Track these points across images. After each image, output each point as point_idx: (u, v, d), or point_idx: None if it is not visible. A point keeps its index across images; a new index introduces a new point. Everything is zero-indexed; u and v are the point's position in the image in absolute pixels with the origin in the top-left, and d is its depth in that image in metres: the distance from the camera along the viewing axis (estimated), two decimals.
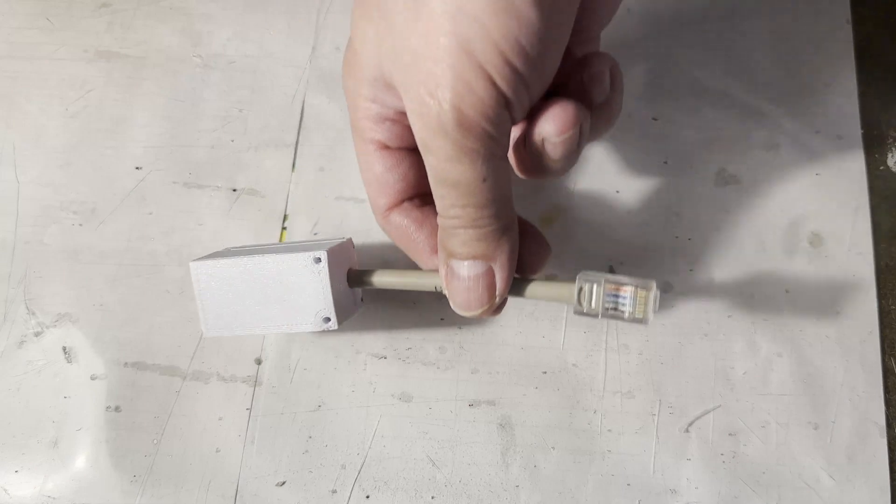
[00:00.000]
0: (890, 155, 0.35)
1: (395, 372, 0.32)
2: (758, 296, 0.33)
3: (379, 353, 0.33)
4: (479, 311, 0.25)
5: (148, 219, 0.34)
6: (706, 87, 0.36)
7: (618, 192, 0.34)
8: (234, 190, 0.35)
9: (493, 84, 0.20)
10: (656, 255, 0.33)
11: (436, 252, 0.27)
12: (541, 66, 0.21)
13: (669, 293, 0.33)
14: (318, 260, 0.27)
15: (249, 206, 0.35)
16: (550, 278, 0.33)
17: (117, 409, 0.32)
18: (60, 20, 0.37)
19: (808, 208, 0.34)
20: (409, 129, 0.26)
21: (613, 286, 0.25)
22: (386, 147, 0.27)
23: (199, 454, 0.32)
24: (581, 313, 0.26)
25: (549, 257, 0.28)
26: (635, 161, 0.35)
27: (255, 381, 0.32)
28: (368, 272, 0.29)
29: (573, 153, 0.25)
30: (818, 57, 0.36)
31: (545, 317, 0.33)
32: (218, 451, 0.32)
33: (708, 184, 0.34)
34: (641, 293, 0.25)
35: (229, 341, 0.33)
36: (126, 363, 0.33)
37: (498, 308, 0.26)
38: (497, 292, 0.25)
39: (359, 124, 0.27)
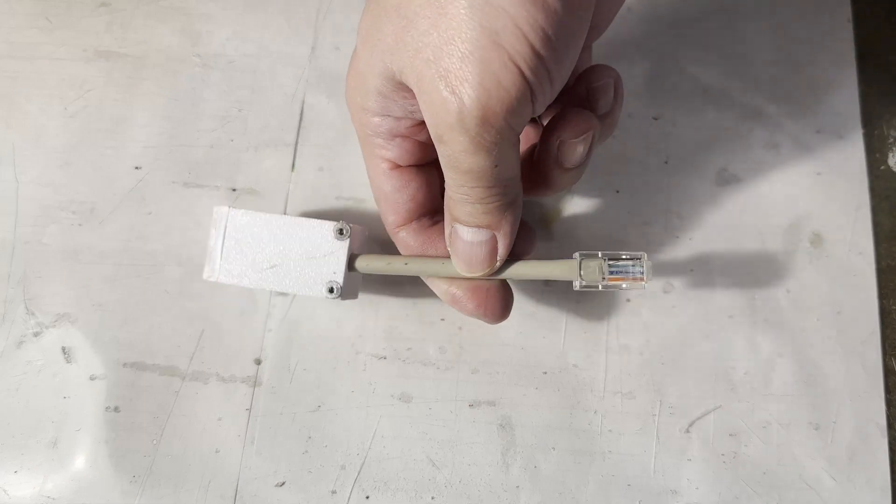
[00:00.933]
0: (891, 154, 0.35)
1: (395, 372, 0.32)
2: (759, 296, 0.33)
3: (379, 353, 0.32)
4: (481, 272, 0.26)
5: (147, 219, 0.34)
6: (707, 87, 0.36)
7: (618, 191, 0.34)
8: (234, 190, 0.35)
9: (522, 75, 0.20)
10: (657, 255, 0.33)
11: None
12: (563, 59, 0.21)
13: (670, 293, 0.33)
14: (342, 231, 0.28)
15: (249, 206, 0.35)
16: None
17: (116, 409, 0.32)
18: (60, 20, 0.37)
19: (809, 208, 0.34)
20: (420, 145, 0.27)
21: (611, 258, 0.27)
22: (396, 166, 0.27)
23: (199, 454, 0.31)
24: (583, 286, 0.27)
25: (535, 242, 0.29)
26: (636, 161, 0.35)
27: (255, 382, 0.32)
28: (376, 257, 0.29)
29: (585, 159, 0.26)
30: (819, 56, 0.36)
31: (545, 317, 0.33)
32: (217, 451, 0.31)
33: (708, 183, 0.34)
34: (637, 260, 0.27)
35: (229, 341, 0.33)
36: (125, 363, 0.32)
37: (498, 269, 0.27)
38: (498, 257, 0.26)
39: (368, 141, 0.27)
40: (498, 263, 0.26)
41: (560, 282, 0.33)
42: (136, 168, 0.35)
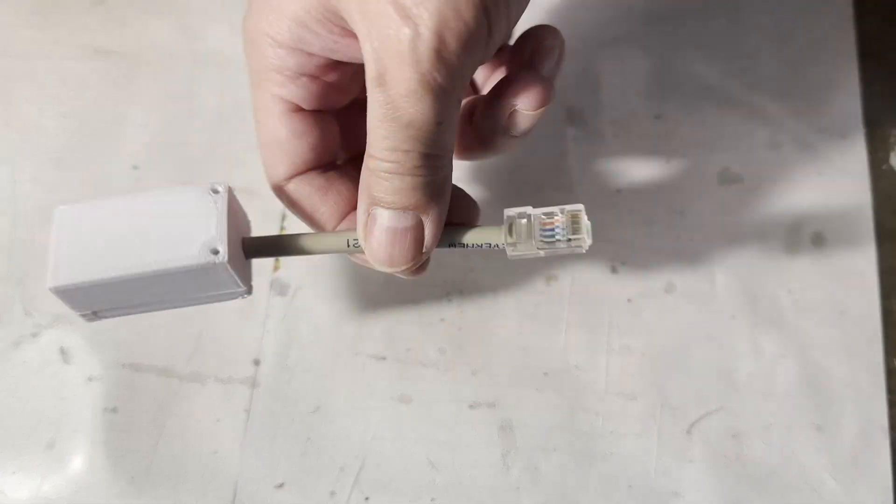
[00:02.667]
0: (893, 154, 0.34)
1: (395, 373, 0.32)
2: (761, 296, 0.32)
3: (378, 354, 0.32)
4: (403, 267, 0.22)
5: None
6: (709, 86, 0.35)
7: (619, 191, 0.34)
8: (232, 189, 0.34)
9: (483, 6, 0.18)
10: (659, 255, 0.33)
11: (341, 220, 0.25)
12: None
13: (672, 293, 0.33)
14: (216, 191, 0.23)
15: (247, 206, 0.34)
16: (551, 278, 0.33)
17: (114, 410, 0.32)
18: (55, 17, 0.37)
19: (811, 208, 0.33)
20: (328, 88, 0.24)
21: (545, 219, 0.23)
22: (297, 109, 0.24)
23: (197, 456, 0.31)
24: (516, 255, 0.23)
25: (478, 216, 0.26)
26: (637, 160, 0.34)
27: (254, 383, 0.32)
28: (272, 238, 0.25)
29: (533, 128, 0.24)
30: (821, 55, 0.36)
31: (546, 317, 0.33)
32: (216, 452, 0.31)
33: (710, 183, 0.34)
34: (573, 215, 0.23)
35: (228, 342, 0.32)
36: (123, 364, 0.32)
37: (421, 267, 0.23)
38: (424, 247, 0.22)
39: (265, 76, 0.23)
40: (423, 257, 0.22)
41: (560, 281, 0.33)
42: (134, 167, 0.35)
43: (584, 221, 0.22)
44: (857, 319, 0.32)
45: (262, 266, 0.33)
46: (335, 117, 0.25)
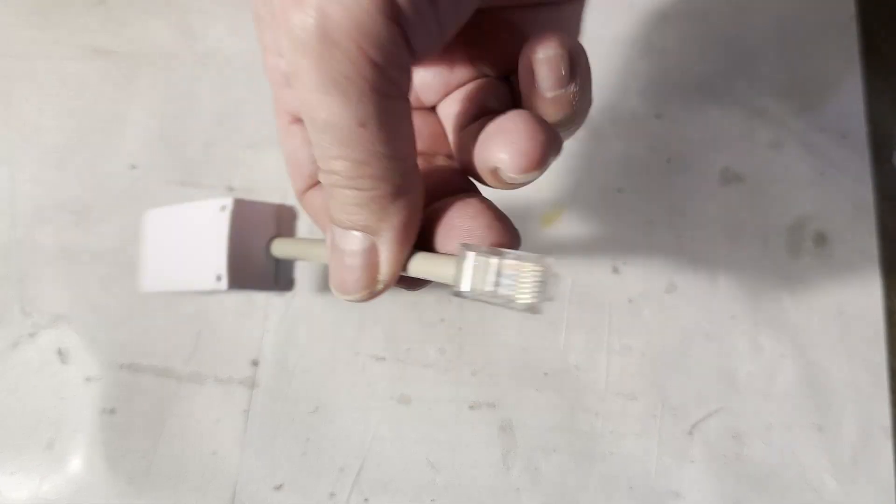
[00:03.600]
0: (895, 153, 0.34)
1: (395, 373, 0.32)
2: (762, 296, 0.32)
3: (378, 354, 0.32)
4: (356, 295, 0.20)
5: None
6: (710, 85, 0.35)
7: (620, 190, 0.34)
8: (231, 189, 0.34)
9: None
10: (660, 255, 0.33)
11: None
12: None
13: (673, 293, 0.33)
14: (224, 208, 0.24)
15: None
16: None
17: (113, 411, 0.32)
18: (55, 17, 0.37)
19: (813, 207, 0.33)
20: None
21: (509, 262, 0.18)
22: (299, 119, 0.22)
23: (196, 457, 0.31)
24: (460, 295, 0.18)
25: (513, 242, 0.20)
26: (638, 159, 0.34)
27: (253, 383, 0.32)
28: (288, 241, 0.25)
29: (574, 97, 0.18)
30: (823, 55, 0.35)
31: (546, 317, 0.32)
32: (215, 453, 0.31)
33: (712, 182, 0.34)
34: (531, 270, 0.17)
35: (227, 342, 0.32)
36: (122, 365, 0.32)
37: (383, 290, 0.20)
38: (380, 277, 0.19)
39: (280, 95, 0.22)
40: (380, 287, 0.19)
41: (560, 281, 0.33)
42: (133, 167, 0.35)
43: (544, 276, 0.17)
44: (859, 319, 0.32)
45: None
46: None
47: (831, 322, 0.32)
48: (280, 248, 0.25)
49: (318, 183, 0.23)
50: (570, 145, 0.35)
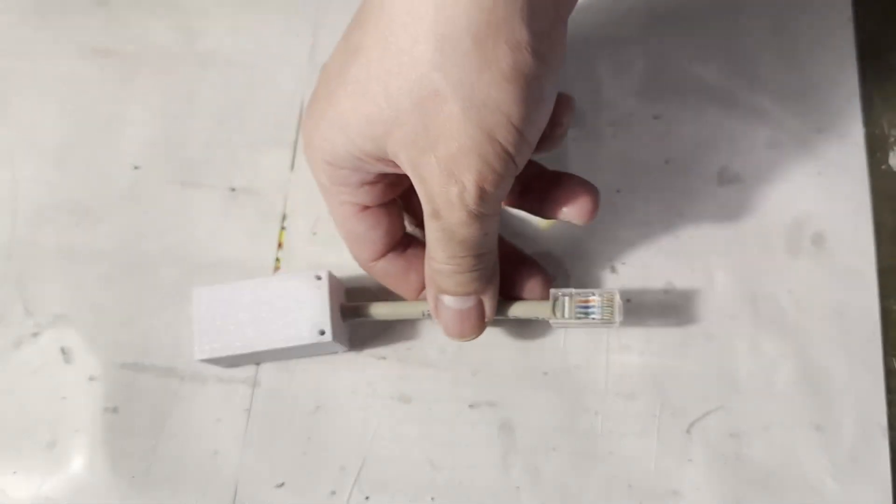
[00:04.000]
0: (892, 154, 0.34)
1: (395, 373, 0.32)
2: (760, 296, 0.32)
3: (378, 353, 0.32)
4: (472, 337, 0.29)
5: (144, 218, 0.34)
6: (708, 86, 0.35)
7: (618, 191, 0.34)
8: (233, 189, 0.35)
9: (511, 159, 0.23)
10: (658, 255, 0.33)
11: (421, 290, 0.30)
12: (540, 129, 0.24)
13: (671, 293, 0.33)
14: (319, 277, 0.30)
15: (247, 206, 0.34)
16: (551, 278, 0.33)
17: (115, 410, 0.32)
18: (55, 17, 0.37)
19: (811, 208, 0.34)
20: (387, 187, 0.27)
21: (582, 298, 0.29)
22: (366, 208, 0.28)
23: (197, 456, 0.31)
24: (558, 325, 0.31)
25: (548, 284, 0.31)
26: (636, 160, 0.35)
27: (254, 383, 0.32)
28: (361, 305, 0.31)
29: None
30: (820, 55, 0.36)
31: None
32: (216, 452, 0.31)
33: (710, 183, 0.34)
34: (608, 298, 0.29)
35: None
36: (124, 364, 0.32)
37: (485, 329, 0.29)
38: (486, 319, 0.28)
39: (333, 190, 0.27)
40: (486, 325, 0.29)
41: (560, 282, 0.33)
42: (135, 168, 0.35)
43: (617, 302, 0.29)
44: (857, 319, 0.32)
45: (261, 266, 0.33)
46: (397, 201, 0.29)
47: (829, 322, 0.32)
48: (377, 310, 0.31)
49: (384, 255, 0.29)
50: (569, 146, 0.35)
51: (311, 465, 0.31)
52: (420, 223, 0.30)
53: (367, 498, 0.31)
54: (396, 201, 0.29)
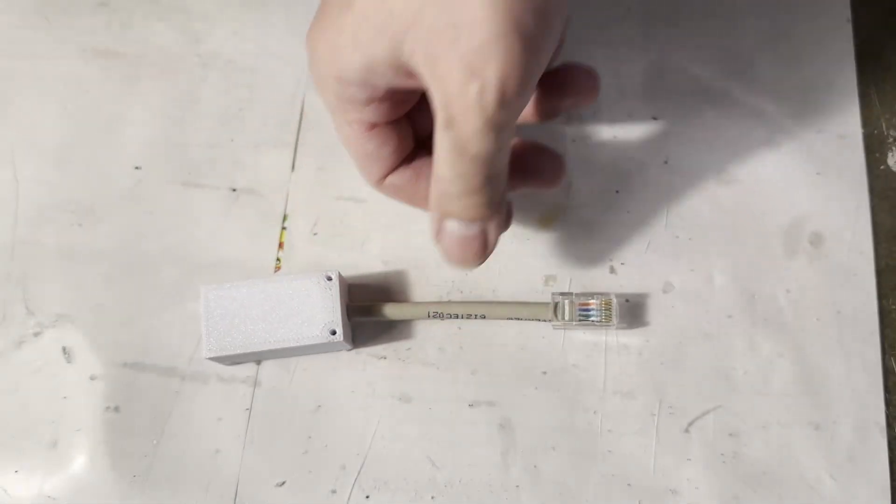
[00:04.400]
0: (890, 154, 0.35)
1: (395, 372, 0.32)
2: (758, 296, 0.33)
3: (378, 353, 0.32)
4: (475, 264, 0.27)
5: (146, 219, 0.34)
6: (706, 87, 0.36)
7: (617, 191, 0.34)
8: (234, 190, 0.35)
9: (537, 51, 0.21)
10: (657, 255, 0.33)
11: None
12: (557, 34, 0.23)
13: (670, 293, 0.33)
14: (330, 278, 0.30)
15: (249, 206, 0.35)
16: (549, 279, 0.33)
17: (116, 409, 0.32)
18: (58, 18, 0.37)
19: (809, 208, 0.34)
20: (396, 104, 0.27)
21: (583, 301, 0.31)
22: (374, 126, 0.27)
23: (198, 455, 0.31)
24: (558, 326, 0.32)
25: (565, 170, 0.31)
26: (635, 160, 0.35)
27: (255, 382, 0.32)
28: (367, 305, 0.31)
29: None
30: (819, 56, 0.36)
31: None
32: (217, 451, 0.31)
33: (708, 183, 0.34)
34: (606, 303, 0.31)
35: None
36: (125, 363, 0.32)
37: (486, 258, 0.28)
38: (488, 248, 0.27)
39: (340, 107, 0.26)
40: (487, 256, 0.27)
41: (559, 281, 0.33)
42: (136, 168, 0.35)
43: (615, 306, 0.31)
44: (855, 319, 0.32)
45: (262, 266, 0.34)
46: (404, 119, 0.28)
47: (827, 321, 0.32)
48: (384, 310, 0.31)
49: (392, 171, 0.29)
50: (569, 146, 0.35)
51: (312, 464, 0.31)
52: (427, 134, 0.29)
53: (367, 497, 0.31)
54: (404, 119, 0.28)
